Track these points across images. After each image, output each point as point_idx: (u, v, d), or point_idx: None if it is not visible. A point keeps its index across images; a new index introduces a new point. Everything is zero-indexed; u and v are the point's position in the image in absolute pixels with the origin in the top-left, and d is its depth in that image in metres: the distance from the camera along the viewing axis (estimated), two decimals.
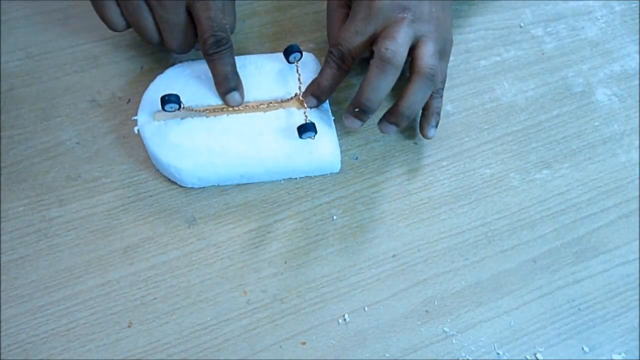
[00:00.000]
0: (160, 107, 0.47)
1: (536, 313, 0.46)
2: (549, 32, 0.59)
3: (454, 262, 0.48)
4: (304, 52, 0.51)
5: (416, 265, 0.47)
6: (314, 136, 0.47)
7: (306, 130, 0.47)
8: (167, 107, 0.47)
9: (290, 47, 0.50)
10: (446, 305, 0.46)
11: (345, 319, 0.45)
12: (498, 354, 0.45)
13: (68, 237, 0.47)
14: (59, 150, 0.50)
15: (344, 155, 0.51)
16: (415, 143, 0.52)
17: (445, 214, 0.50)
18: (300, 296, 0.46)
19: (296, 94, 0.49)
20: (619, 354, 0.45)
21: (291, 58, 0.50)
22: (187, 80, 0.50)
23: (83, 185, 0.49)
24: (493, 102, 0.55)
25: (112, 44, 0.54)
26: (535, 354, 0.45)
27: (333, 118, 0.51)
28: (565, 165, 0.52)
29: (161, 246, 0.47)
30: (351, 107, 0.48)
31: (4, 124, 0.51)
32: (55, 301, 0.45)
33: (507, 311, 0.46)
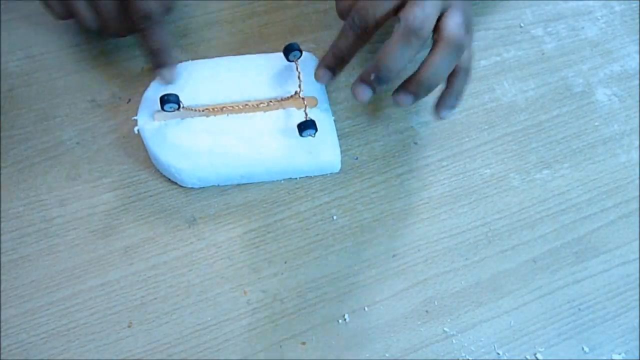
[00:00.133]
0: (160, 107, 0.47)
1: (536, 313, 0.46)
2: (549, 32, 0.59)
3: (454, 262, 0.48)
4: (303, 52, 0.51)
5: (416, 265, 0.47)
6: (315, 134, 0.47)
7: (307, 127, 0.47)
8: (167, 107, 0.47)
9: (289, 45, 0.50)
10: (446, 305, 0.46)
11: (345, 319, 0.45)
12: (498, 354, 0.45)
13: (68, 237, 0.47)
14: (59, 150, 0.50)
15: (344, 155, 0.51)
16: (416, 143, 0.52)
17: (445, 214, 0.50)
18: (300, 296, 0.46)
19: (296, 92, 0.49)
20: (619, 354, 0.45)
21: (291, 56, 0.50)
22: (188, 80, 0.50)
23: (83, 185, 0.49)
24: (493, 102, 0.55)
25: (113, 44, 0.54)
26: (535, 354, 0.45)
27: (333, 118, 0.51)
28: (566, 165, 0.52)
29: (161, 246, 0.47)
30: (366, 73, 0.45)
31: (4, 124, 0.51)
32: (55, 301, 0.45)
33: (507, 311, 0.46)
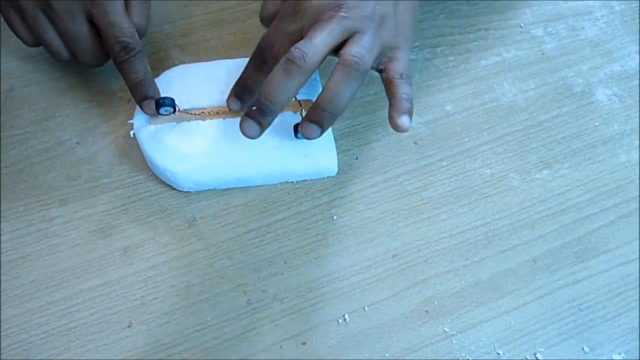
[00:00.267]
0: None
1: (536, 313, 0.46)
2: (549, 32, 0.59)
3: (454, 262, 0.48)
4: None
5: (416, 265, 0.47)
6: None
7: None
8: (162, 110, 0.47)
9: None
10: (446, 305, 0.46)
11: (345, 319, 0.45)
12: (498, 354, 0.45)
13: (68, 237, 0.47)
14: (59, 150, 0.50)
15: (344, 155, 0.51)
16: (415, 143, 0.52)
17: (445, 214, 0.50)
18: (300, 296, 0.46)
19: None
20: (619, 354, 0.45)
21: None
22: (184, 83, 0.50)
23: (83, 185, 0.49)
24: (493, 102, 0.55)
25: None
26: (535, 354, 0.45)
27: None
28: (566, 165, 0.52)
29: (161, 246, 0.47)
30: (249, 109, 0.44)
31: (4, 124, 0.51)
32: (55, 301, 0.45)
33: (507, 311, 0.46)
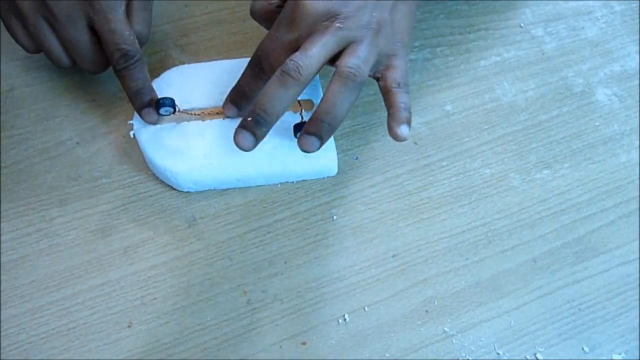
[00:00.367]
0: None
1: (536, 313, 0.46)
2: (549, 32, 0.59)
3: (454, 262, 0.48)
4: None
5: (416, 265, 0.47)
6: None
7: (301, 128, 0.47)
8: (162, 110, 0.47)
9: None
10: (446, 305, 0.46)
11: (345, 319, 0.45)
12: (498, 354, 0.45)
13: (68, 237, 0.47)
14: (59, 150, 0.50)
15: (344, 155, 0.51)
16: (415, 143, 0.52)
17: (445, 214, 0.50)
18: (300, 296, 0.46)
19: None
20: (619, 354, 0.45)
21: None
22: (184, 83, 0.50)
23: (83, 185, 0.49)
24: (493, 102, 0.55)
25: None
26: (535, 354, 0.45)
27: None
28: (566, 165, 0.52)
29: (161, 246, 0.47)
30: (248, 124, 0.44)
31: (4, 124, 0.51)
32: (55, 301, 0.45)
33: (507, 311, 0.46)
